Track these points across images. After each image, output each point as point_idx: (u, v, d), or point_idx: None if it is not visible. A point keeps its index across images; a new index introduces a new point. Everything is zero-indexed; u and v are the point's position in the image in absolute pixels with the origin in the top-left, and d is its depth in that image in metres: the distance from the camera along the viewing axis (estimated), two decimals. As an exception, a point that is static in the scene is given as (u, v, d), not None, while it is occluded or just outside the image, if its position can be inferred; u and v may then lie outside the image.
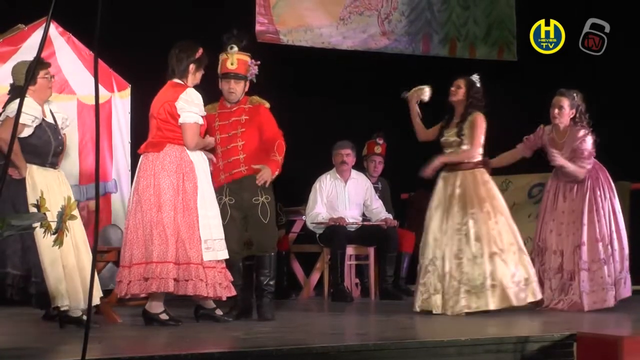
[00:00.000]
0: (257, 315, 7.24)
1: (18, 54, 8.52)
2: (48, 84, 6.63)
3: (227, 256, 6.87)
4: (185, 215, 6.67)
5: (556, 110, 8.03)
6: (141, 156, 6.87)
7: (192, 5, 10.42)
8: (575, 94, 8.05)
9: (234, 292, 6.93)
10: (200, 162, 6.84)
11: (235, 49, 7.26)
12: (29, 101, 6.34)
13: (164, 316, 6.72)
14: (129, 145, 9.47)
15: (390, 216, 9.88)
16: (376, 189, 10.07)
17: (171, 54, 6.99)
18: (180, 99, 6.76)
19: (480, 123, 7.75)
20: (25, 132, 6.34)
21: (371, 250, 9.71)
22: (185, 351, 5.18)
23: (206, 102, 6.98)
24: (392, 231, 9.68)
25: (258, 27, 10.57)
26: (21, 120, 6.19)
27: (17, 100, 6.27)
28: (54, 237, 6.18)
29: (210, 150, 7.12)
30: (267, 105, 7.37)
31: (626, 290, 7.96)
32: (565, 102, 8.02)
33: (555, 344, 5.92)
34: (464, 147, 7.74)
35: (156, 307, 6.72)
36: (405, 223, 10.63)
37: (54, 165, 6.61)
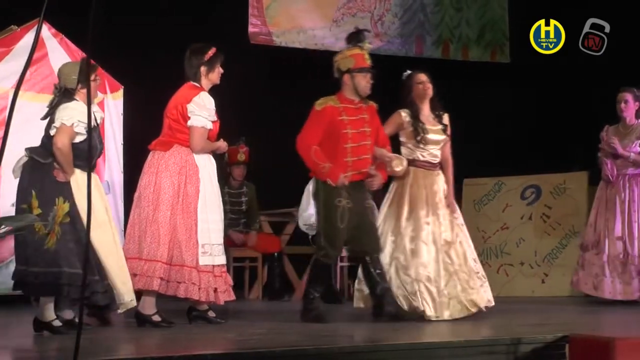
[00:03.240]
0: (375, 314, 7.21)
1: (10, 56, 8.52)
2: (97, 86, 6.65)
3: (224, 262, 6.87)
4: (184, 218, 6.66)
5: (622, 105, 8.84)
6: (150, 153, 6.88)
7: (185, 7, 10.41)
8: (636, 90, 8.84)
9: (233, 297, 6.95)
10: (206, 166, 6.83)
11: (370, 45, 7.32)
12: (81, 107, 6.31)
13: (156, 318, 6.70)
14: (122, 146, 9.45)
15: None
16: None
17: (185, 58, 6.99)
18: (192, 101, 6.76)
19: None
20: (78, 139, 6.31)
21: (364, 252, 9.68)
22: (178, 353, 5.17)
23: (217, 104, 6.93)
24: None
25: (251, 29, 10.56)
26: (76, 130, 6.24)
27: (72, 106, 6.28)
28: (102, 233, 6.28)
29: (220, 155, 7.12)
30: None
31: None
32: (629, 97, 8.84)
33: (548, 346, 5.91)
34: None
35: (149, 308, 6.70)
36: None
37: (93, 168, 6.62)
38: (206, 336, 6.24)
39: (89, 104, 4.22)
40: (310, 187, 9.70)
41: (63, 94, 6.39)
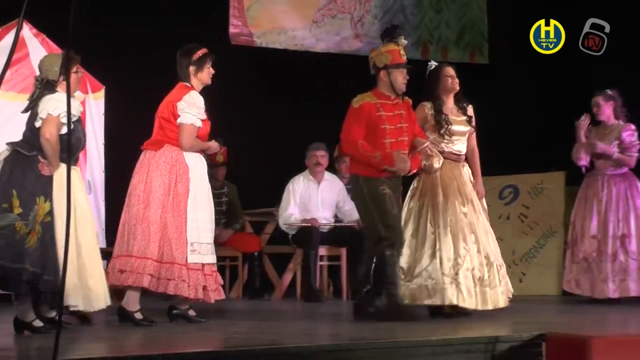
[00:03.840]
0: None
1: (-9, 56, 8.48)
2: (78, 79, 6.62)
3: (213, 261, 6.88)
4: (174, 216, 6.69)
5: (595, 109, 9.06)
6: (142, 152, 6.91)
7: (167, 8, 10.40)
8: (609, 91, 9.04)
9: (223, 296, 6.96)
10: (197, 165, 6.85)
11: (405, 41, 7.24)
12: (65, 98, 6.26)
13: (138, 315, 6.71)
14: (103, 146, 9.44)
15: (362, 217, 9.90)
16: (348, 190, 10.07)
17: (176, 58, 7.03)
18: (182, 99, 6.81)
19: None
20: (64, 130, 6.27)
21: (343, 251, 9.73)
22: (159, 351, 5.17)
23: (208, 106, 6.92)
24: (364, 232, 9.68)
25: (232, 30, 10.57)
26: (63, 120, 6.18)
27: (56, 97, 6.24)
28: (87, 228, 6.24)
29: (211, 155, 7.10)
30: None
31: None
32: (600, 100, 9.05)
33: (525, 344, 5.93)
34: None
35: (132, 305, 6.71)
36: (377, 224, 10.63)
37: (75, 162, 6.56)
38: (187, 335, 6.24)
39: (68, 97, 4.15)
40: (291, 187, 9.76)
41: (45, 86, 6.36)
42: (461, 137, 7.43)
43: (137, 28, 10.27)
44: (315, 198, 9.76)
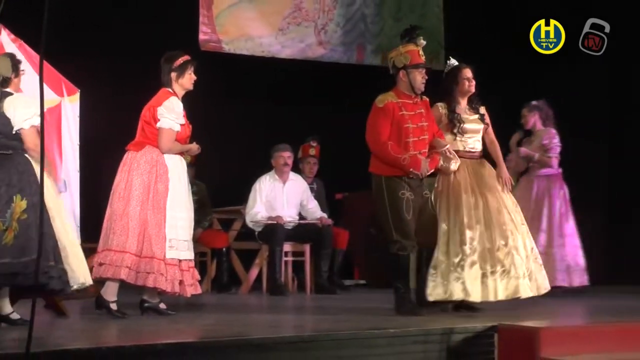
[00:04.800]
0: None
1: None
2: (19, 81, 6.60)
3: (190, 257, 6.90)
4: (154, 213, 6.72)
5: (523, 120, 9.43)
6: (125, 153, 6.95)
7: (139, 14, 10.36)
8: (535, 102, 9.34)
9: (199, 291, 6.97)
10: (176, 166, 6.90)
11: (424, 42, 7.13)
12: (24, 98, 6.33)
13: (114, 306, 6.73)
14: (78, 147, 9.39)
15: (325, 215, 9.92)
16: (312, 190, 10.09)
17: (161, 65, 7.04)
18: (163, 105, 6.86)
19: None
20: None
21: (307, 247, 9.73)
22: (130, 343, 5.16)
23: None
24: (327, 229, 9.72)
25: (201, 36, 10.54)
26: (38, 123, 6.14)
27: (21, 102, 6.27)
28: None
29: (194, 157, 7.07)
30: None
31: None
32: (525, 111, 9.41)
33: (478, 335, 5.98)
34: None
35: (109, 295, 6.73)
36: (339, 221, 10.66)
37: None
38: (157, 327, 6.22)
39: (41, 98, 4.09)
40: (257, 186, 9.75)
41: (1, 84, 6.35)
42: (475, 135, 7.33)
43: (112, 33, 10.23)
44: (280, 197, 9.76)
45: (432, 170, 7.09)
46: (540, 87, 10.46)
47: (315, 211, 9.86)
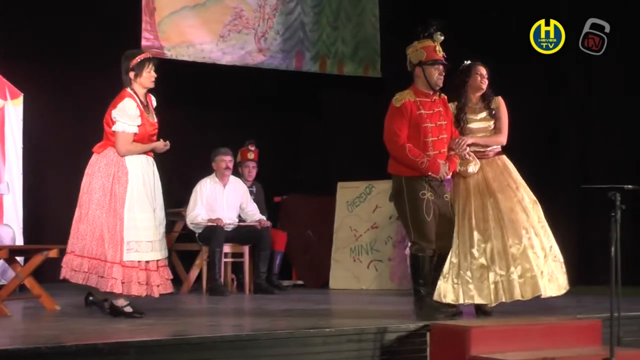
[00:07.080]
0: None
1: None
2: None
3: (156, 257, 6.79)
4: (109, 216, 6.63)
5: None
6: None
7: (83, 20, 10.27)
8: None
9: (169, 290, 6.88)
10: (138, 167, 6.75)
11: (442, 37, 6.81)
12: None
13: (128, 309, 6.76)
14: (22, 150, 9.29)
15: (264, 217, 9.89)
16: (251, 193, 10.07)
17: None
18: (117, 107, 6.71)
19: (505, 107, 7.21)
20: None
21: (246, 249, 9.71)
22: (70, 342, 5.11)
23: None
24: (266, 231, 9.70)
25: (144, 42, 10.46)
26: None
27: None
28: None
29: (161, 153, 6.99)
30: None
31: None
32: None
33: (411, 334, 6.01)
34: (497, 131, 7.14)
35: (120, 302, 6.76)
36: (277, 224, 10.66)
37: None
38: (98, 327, 6.16)
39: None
40: (198, 189, 9.70)
41: None
42: (482, 134, 7.08)
43: (55, 37, 10.13)
44: (220, 199, 9.72)
45: (452, 173, 6.91)
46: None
47: (254, 214, 9.84)
